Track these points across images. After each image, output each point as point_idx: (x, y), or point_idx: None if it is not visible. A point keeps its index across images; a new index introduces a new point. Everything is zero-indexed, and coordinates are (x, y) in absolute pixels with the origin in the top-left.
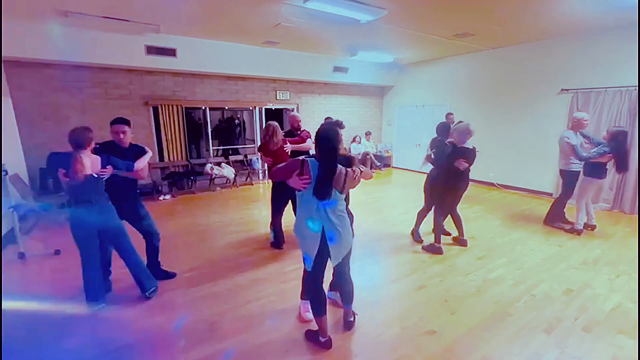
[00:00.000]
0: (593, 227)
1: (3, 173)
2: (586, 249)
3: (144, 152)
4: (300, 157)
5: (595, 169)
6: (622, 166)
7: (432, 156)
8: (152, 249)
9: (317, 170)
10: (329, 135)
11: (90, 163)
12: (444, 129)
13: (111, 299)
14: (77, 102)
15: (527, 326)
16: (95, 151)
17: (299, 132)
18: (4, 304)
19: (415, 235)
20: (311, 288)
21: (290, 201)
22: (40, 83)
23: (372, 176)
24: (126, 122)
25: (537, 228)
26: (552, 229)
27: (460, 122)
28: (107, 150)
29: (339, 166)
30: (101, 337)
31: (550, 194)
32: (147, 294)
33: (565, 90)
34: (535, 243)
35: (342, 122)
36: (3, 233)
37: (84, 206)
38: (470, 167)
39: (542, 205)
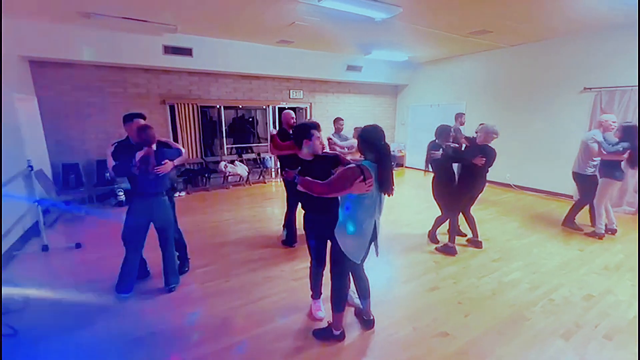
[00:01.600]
0: (614, 232)
1: (29, 168)
2: (608, 254)
3: (161, 142)
4: (353, 165)
5: (612, 170)
6: (635, 161)
7: (431, 157)
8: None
9: (377, 170)
10: (378, 134)
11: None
12: (443, 132)
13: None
14: (97, 101)
15: (545, 331)
16: (115, 150)
17: (292, 130)
18: (28, 293)
19: (432, 237)
20: (341, 285)
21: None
22: (63, 82)
23: None
24: (143, 117)
25: (555, 231)
26: (572, 232)
27: (482, 124)
28: (127, 148)
29: None
30: (118, 329)
31: (571, 197)
32: (169, 287)
33: (588, 88)
34: (553, 246)
35: (318, 124)
36: (28, 226)
37: (147, 198)
38: (489, 168)
39: (561, 208)
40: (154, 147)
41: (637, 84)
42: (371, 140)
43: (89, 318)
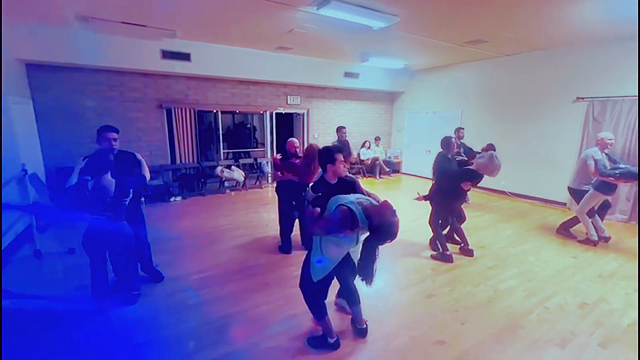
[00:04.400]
0: (607, 239)
1: (22, 172)
2: (602, 262)
3: (134, 159)
4: (345, 208)
5: (605, 186)
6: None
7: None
8: (143, 250)
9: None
10: (392, 223)
11: (108, 186)
12: (448, 143)
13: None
14: (94, 105)
15: (540, 340)
16: (87, 164)
17: (295, 158)
18: (21, 299)
19: (433, 245)
20: (314, 295)
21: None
22: (59, 86)
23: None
24: (116, 130)
25: (550, 238)
26: (566, 240)
27: (490, 145)
28: (98, 161)
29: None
30: (111, 336)
31: (564, 204)
32: (131, 293)
33: (581, 98)
34: (548, 254)
35: (342, 147)
36: (20, 231)
37: (99, 220)
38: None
39: (555, 215)
40: (108, 177)
41: (638, 95)
42: (382, 225)
43: (82, 324)
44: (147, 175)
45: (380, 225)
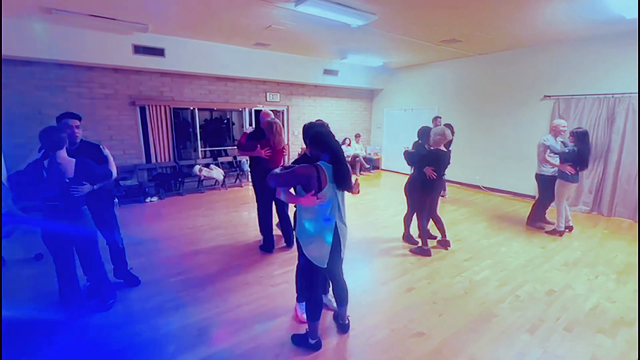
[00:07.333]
0: (571, 229)
1: None
2: (567, 251)
3: (98, 152)
4: (310, 165)
5: (564, 172)
6: (583, 164)
7: (408, 154)
8: (116, 253)
9: (332, 171)
10: (330, 133)
11: (66, 166)
12: (424, 133)
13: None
14: (60, 102)
15: (512, 327)
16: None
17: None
18: None
19: (408, 239)
20: (312, 293)
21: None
22: (21, 81)
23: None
24: (78, 117)
25: (520, 230)
26: (535, 230)
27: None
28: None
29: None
30: (88, 344)
31: (533, 197)
32: (107, 303)
33: (548, 96)
34: (519, 245)
35: (327, 124)
36: None
37: (56, 211)
38: (445, 171)
39: (526, 207)
40: (62, 152)
41: (638, 91)
42: (324, 139)
43: (57, 333)
44: (114, 172)
45: (314, 132)
